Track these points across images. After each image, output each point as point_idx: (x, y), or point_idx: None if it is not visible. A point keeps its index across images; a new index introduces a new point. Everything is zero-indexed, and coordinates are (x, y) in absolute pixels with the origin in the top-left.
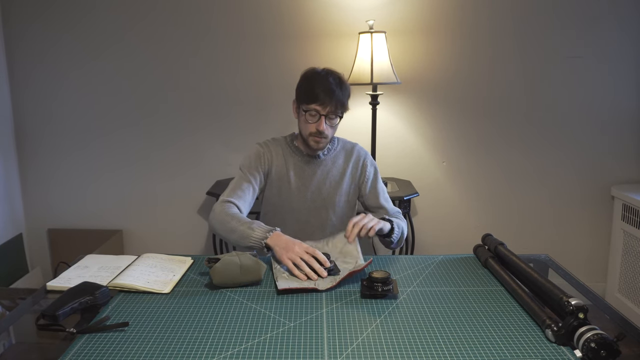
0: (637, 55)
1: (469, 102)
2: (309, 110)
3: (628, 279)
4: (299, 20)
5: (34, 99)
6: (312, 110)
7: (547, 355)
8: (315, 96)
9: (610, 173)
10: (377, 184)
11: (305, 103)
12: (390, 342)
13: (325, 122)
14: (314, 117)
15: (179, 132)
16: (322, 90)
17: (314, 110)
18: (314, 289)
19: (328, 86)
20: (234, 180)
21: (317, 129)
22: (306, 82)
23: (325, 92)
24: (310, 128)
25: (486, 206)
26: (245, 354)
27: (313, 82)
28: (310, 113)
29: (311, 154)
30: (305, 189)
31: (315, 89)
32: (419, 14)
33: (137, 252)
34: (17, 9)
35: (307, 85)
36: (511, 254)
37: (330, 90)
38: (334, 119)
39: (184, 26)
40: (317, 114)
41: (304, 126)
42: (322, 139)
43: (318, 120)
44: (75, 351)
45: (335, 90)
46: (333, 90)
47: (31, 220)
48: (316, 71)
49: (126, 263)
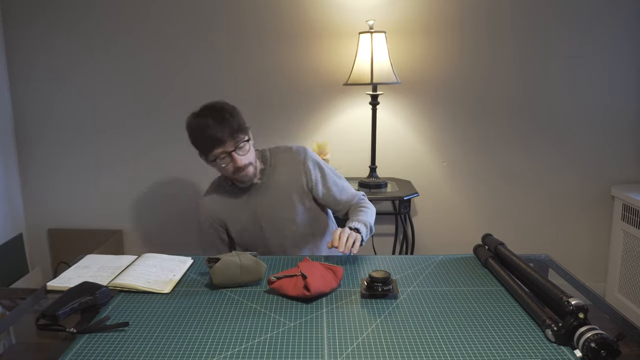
0: (637, 55)
1: (469, 102)
2: (218, 156)
3: (628, 279)
4: (299, 20)
5: (34, 99)
6: (217, 158)
7: (547, 355)
8: (209, 144)
9: (610, 173)
10: (327, 181)
11: (208, 152)
12: (390, 342)
13: (237, 155)
14: (224, 160)
15: (179, 132)
16: (209, 135)
17: (221, 154)
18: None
19: (211, 130)
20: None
21: (235, 168)
22: (192, 136)
23: (213, 136)
24: (229, 169)
25: (486, 206)
26: (245, 354)
27: (197, 134)
28: (220, 157)
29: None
30: (258, 217)
31: (204, 139)
32: (419, 14)
33: (137, 252)
34: (17, 9)
35: (196, 139)
36: (511, 254)
37: (217, 131)
38: (242, 147)
39: (184, 26)
40: (225, 155)
41: (222, 171)
42: (246, 171)
43: (231, 160)
44: (75, 351)
45: (221, 124)
46: (218, 128)
47: (31, 220)
48: (192, 122)
49: (126, 263)
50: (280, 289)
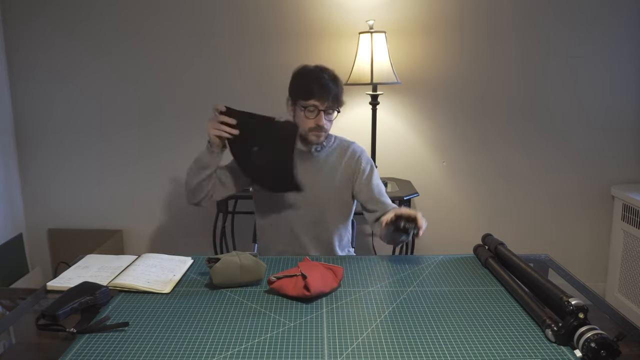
0: (637, 55)
1: (469, 102)
2: (308, 107)
3: (628, 279)
4: (299, 20)
5: (35, 99)
6: (310, 106)
7: (547, 355)
8: (312, 92)
9: (610, 173)
10: (372, 179)
11: (303, 99)
12: (390, 342)
13: (324, 117)
14: (312, 113)
15: (178, 132)
16: (319, 86)
17: (312, 106)
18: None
19: (323, 82)
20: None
21: (316, 124)
22: (301, 79)
23: (321, 88)
24: (310, 124)
25: (486, 206)
26: (245, 354)
27: (308, 79)
28: (309, 109)
29: (307, 149)
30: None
31: (311, 85)
32: (419, 14)
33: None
34: (18, 9)
35: (303, 82)
36: (511, 254)
37: (326, 86)
38: (331, 113)
39: (185, 27)
40: (315, 109)
41: (302, 122)
42: (321, 133)
43: (317, 116)
44: (75, 351)
45: (330, 85)
46: (329, 85)
47: (31, 220)
48: (309, 68)
49: (126, 263)
50: (280, 289)
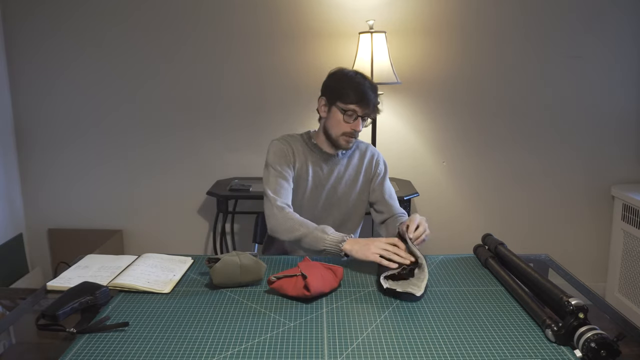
0: (638, 55)
1: (469, 102)
2: (348, 110)
3: (628, 279)
4: (299, 20)
5: (34, 99)
6: (350, 111)
7: (547, 355)
8: (355, 97)
9: (610, 173)
10: (385, 181)
11: (344, 102)
12: (390, 342)
13: (360, 121)
14: (351, 117)
15: (179, 132)
16: (362, 92)
17: (352, 111)
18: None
19: (366, 89)
20: (270, 179)
21: (352, 129)
22: (342, 82)
23: (364, 95)
24: (345, 128)
25: (486, 206)
26: (245, 354)
27: (352, 84)
28: (348, 113)
29: (334, 152)
30: (322, 187)
31: (355, 91)
32: (419, 14)
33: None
34: (17, 7)
35: (348, 86)
36: (511, 254)
37: (369, 94)
38: (366, 120)
39: (184, 26)
40: (354, 114)
41: (337, 125)
42: (352, 138)
43: (355, 121)
44: (75, 351)
45: (371, 94)
46: (370, 93)
47: (31, 220)
48: (350, 72)
49: (126, 263)
50: (280, 289)
